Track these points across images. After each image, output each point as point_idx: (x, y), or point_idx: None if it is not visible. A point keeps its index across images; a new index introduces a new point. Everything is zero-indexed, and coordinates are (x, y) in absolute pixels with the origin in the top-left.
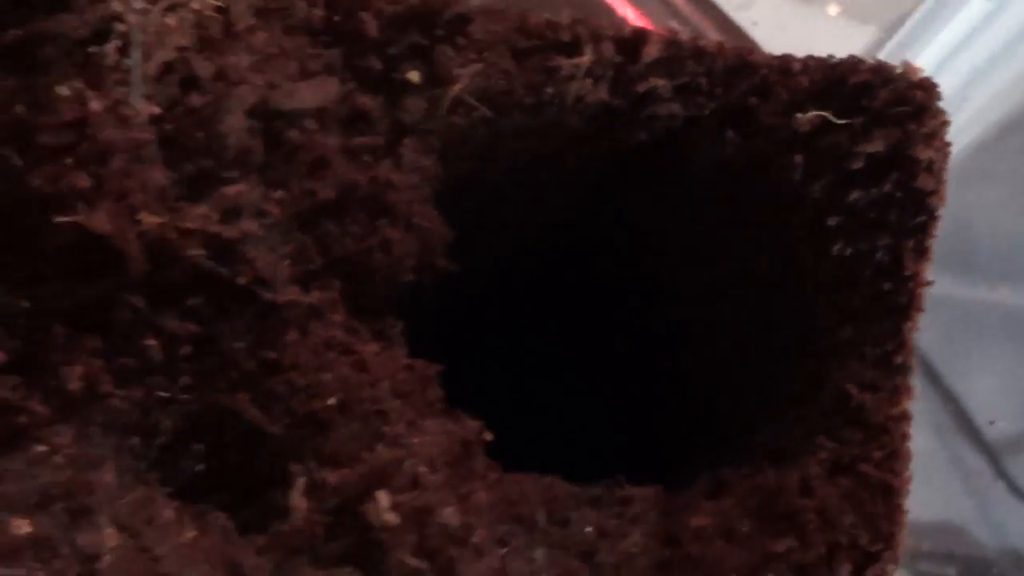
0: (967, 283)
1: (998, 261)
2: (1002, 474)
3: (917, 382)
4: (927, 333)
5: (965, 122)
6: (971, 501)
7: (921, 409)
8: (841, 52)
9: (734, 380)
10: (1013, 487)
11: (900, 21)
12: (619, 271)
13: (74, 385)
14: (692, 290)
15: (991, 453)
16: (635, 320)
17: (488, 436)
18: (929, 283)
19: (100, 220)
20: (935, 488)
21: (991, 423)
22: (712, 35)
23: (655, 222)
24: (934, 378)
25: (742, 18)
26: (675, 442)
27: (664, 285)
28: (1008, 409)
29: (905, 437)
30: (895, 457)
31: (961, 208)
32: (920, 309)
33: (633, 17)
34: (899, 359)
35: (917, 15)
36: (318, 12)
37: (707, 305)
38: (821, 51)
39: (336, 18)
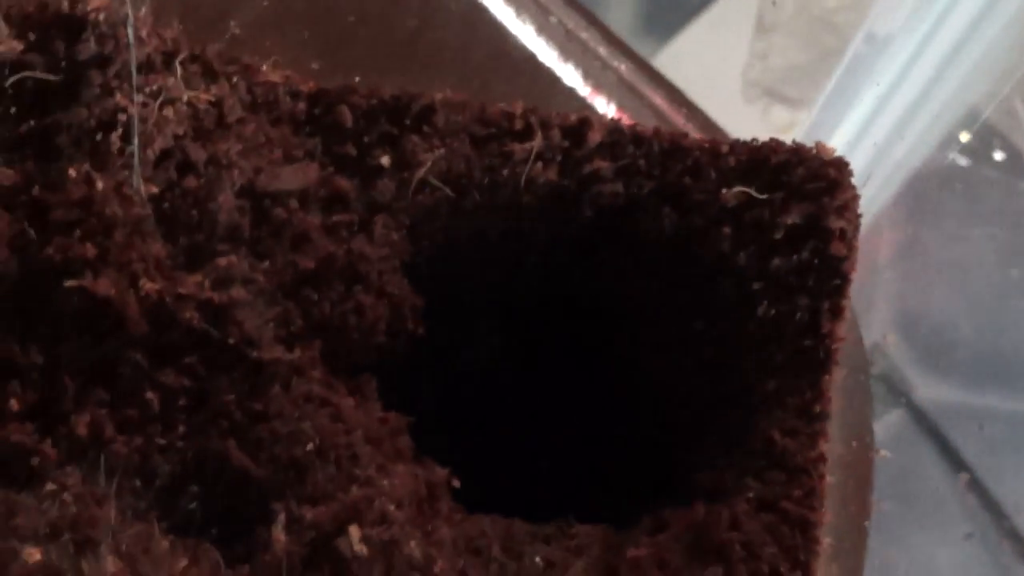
0: (1009, 396)
1: None
2: None
3: (966, 498)
4: (973, 447)
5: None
6: None
7: (969, 524)
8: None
9: (679, 428)
10: None
11: (943, 141)
12: (579, 330)
13: (82, 432)
14: (642, 347)
15: None
16: (595, 374)
17: (456, 483)
18: (842, 339)
19: (104, 285)
20: None
21: None
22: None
23: (605, 286)
24: (982, 492)
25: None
26: (630, 487)
27: (619, 343)
28: None
29: (823, 477)
30: (813, 495)
31: (999, 321)
32: (837, 363)
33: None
34: (817, 408)
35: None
36: (301, 106)
37: (655, 360)
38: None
39: (317, 111)
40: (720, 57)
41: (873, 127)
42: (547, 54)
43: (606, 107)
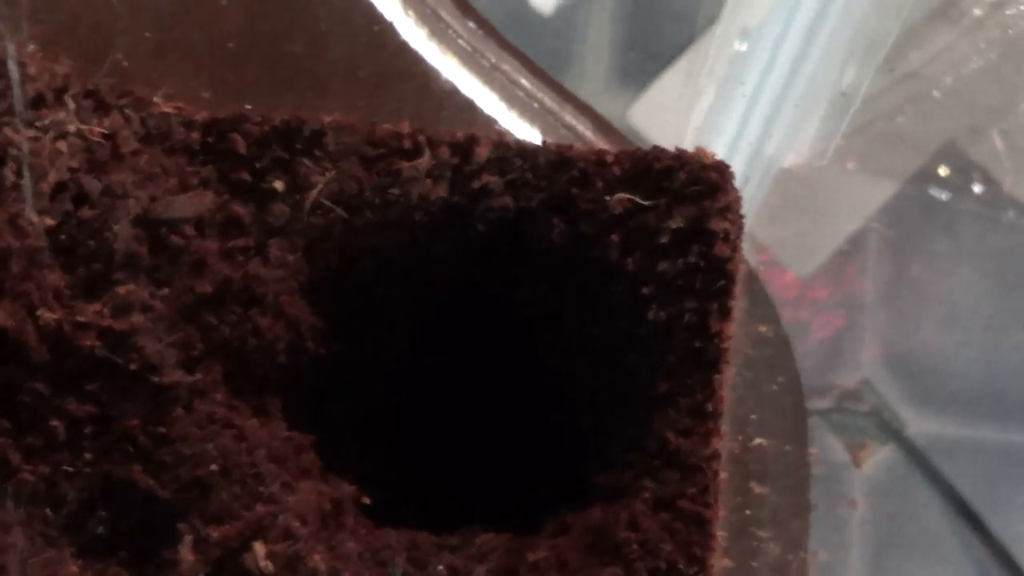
0: (1003, 428)
1: None
2: None
3: (963, 533)
4: (967, 481)
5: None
6: None
7: (967, 558)
8: (862, 206)
9: (580, 432)
10: None
11: (918, 175)
12: (484, 340)
13: None
14: (543, 353)
15: None
16: (502, 383)
17: (366, 500)
18: (731, 339)
19: (1, 316)
20: None
21: None
22: None
23: (504, 295)
24: (977, 524)
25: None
26: (538, 494)
27: (521, 350)
28: None
29: (716, 474)
30: (707, 492)
31: (991, 354)
32: (727, 362)
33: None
34: (710, 407)
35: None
36: (195, 135)
37: (555, 365)
38: (841, 205)
39: (210, 139)
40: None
41: (747, 128)
42: (469, 84)
43: (530, 134)
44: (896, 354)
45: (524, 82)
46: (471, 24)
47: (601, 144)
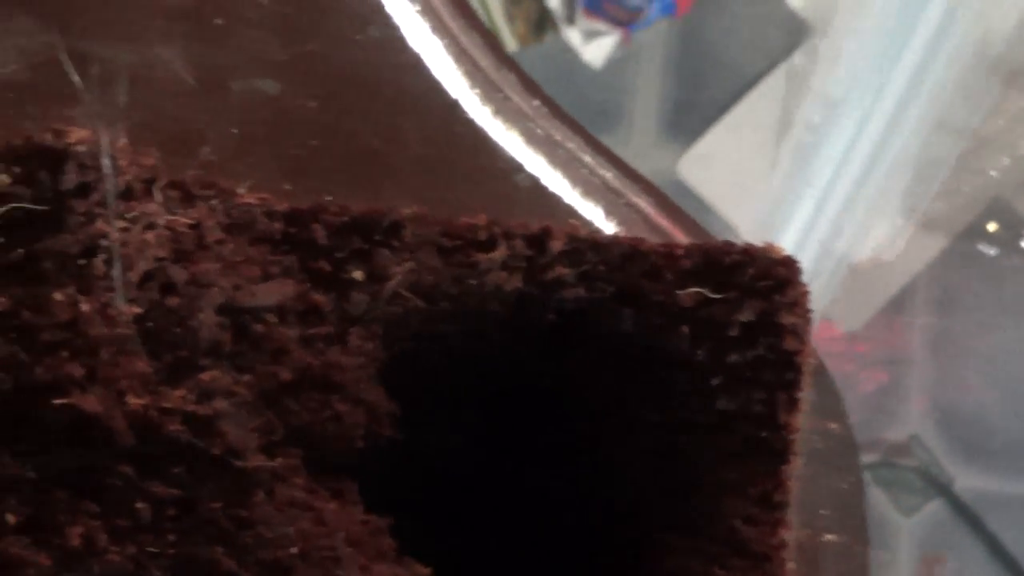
0: None
1: None
2: None
3: None
4: (1014, 535)
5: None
6: None
7: None
8: (910, 261)
9: (647, 518)
10: None
11: (967, 231)
12: (548, 425)
13: (75, 542)
14: (610, 441)
15: None
16: (567, 469)
17: None
18: (798, 430)
19: (92, 403)
20: None
21: None
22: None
23: (571, 383)
24: None
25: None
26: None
27: (586, 436)
28: None
29: (783, 563)
30: None
31: None
32: (795, 453)
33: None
34: (777, 497)
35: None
36: (277, 225)
37: (623, 453)
38: (876, 257)
39: (292, 230)
40: (745, 156)
41: (817, 224)
42: (534, 162)
43: (593, 212)
44: (943, 408)
45: (587, 159)
46: (536, 102)
47: (663, 221)
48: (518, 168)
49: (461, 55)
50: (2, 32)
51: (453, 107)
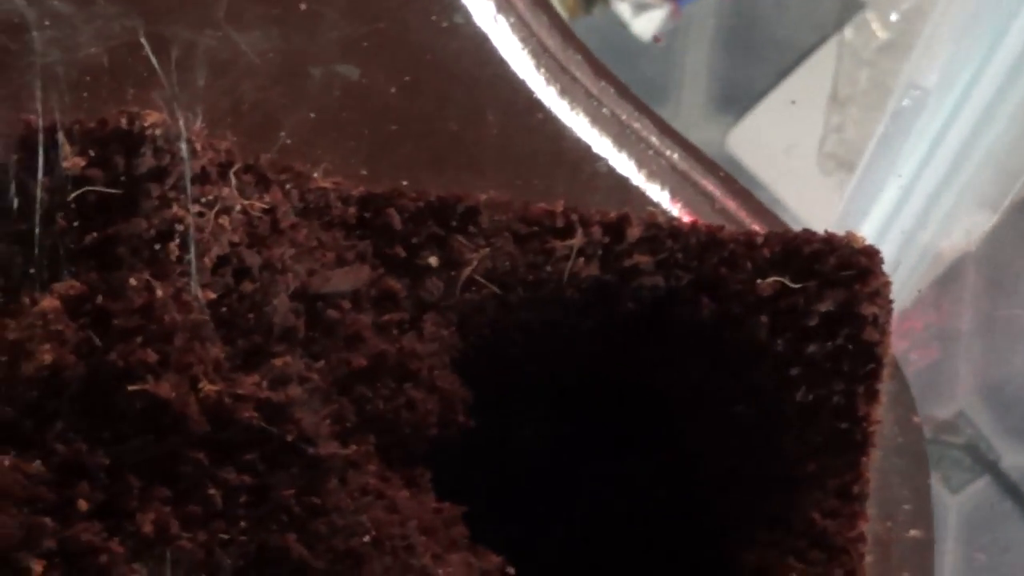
0: None
1: None
2: None
3: None
4: None
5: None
6: None
7: None
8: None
9: (724, 509)
10: None
11: (1018, 204)
12: (625, 415)
13: (147, 529)
14: (687, 430)
15: None
16: (641, 457)
17: (511, 570)
18: (878, 422)
19: (165, 389)
20: None
21: None
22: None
23: (648, 373)
24: None
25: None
26: (681, 568)
27: (663, 426)
28: None
29: (862, 556)
30: (854, 574)
31: None
32: (874, 445)
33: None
34: (856, 489)
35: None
36: (352, 210)
37: (698, 442)
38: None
39: (367, 215)
40: (795, 132)
41: (901, 214)
42: (601, 144)
43: (659, 195)
44: (992, 386)
45: (654, 140)
46: (603, 83)
47: (728, 201)
48: (594, 154)
49: (537, 46)
50: (83, 15)
51: (529, 92)
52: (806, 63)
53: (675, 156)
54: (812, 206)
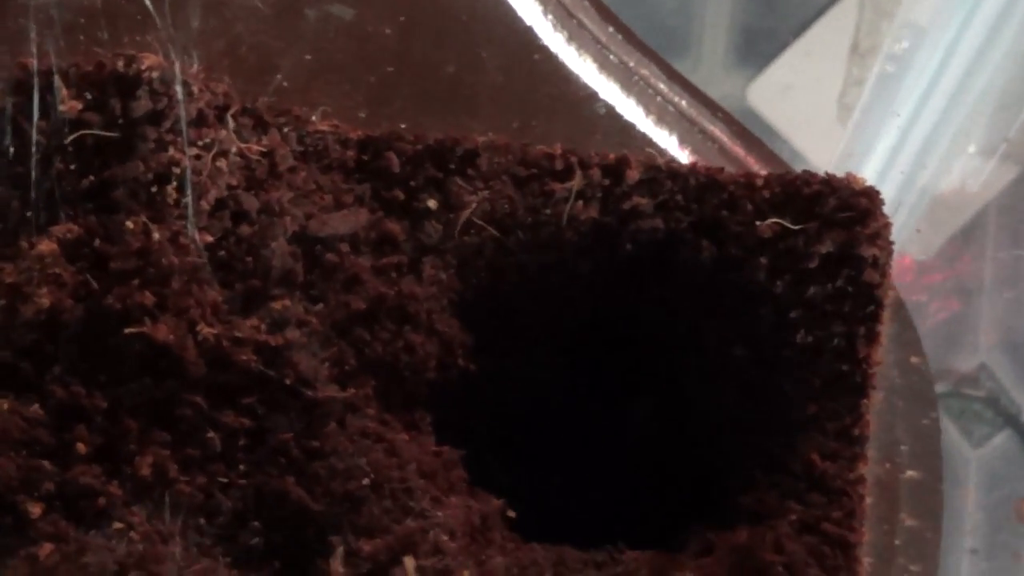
0: None
1: None
2: None
3: None
4: None
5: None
6: None
7: None
8: (981, 190)
9: (722, 452)
10: None
11: None
12: (625, 358)
13: (146, 472)
14: (686, 373)
15: None
16: (643, 400)
17: (511, 513)
18: (879, 363)
19: (163, 331)
20: None
21: None
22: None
23: (649, 316)
24: None
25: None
26: (678, 510)
27: (664, 369)
28: None
29: (862, 498)
30: (853, 516)
31: None
32: (874, 387)
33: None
34: (856, 431)
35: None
36: (350, 153)
37: (698, 385)
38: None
39: (365, 157)
40: (815, 84)
41: (900, 155)
42: (608, 90)
43: (667, 140)
44: (1013, 339)
45: (662, 86)
46: (611, 29)
47: (736, 148)
48: (594, 96)
49: None
50: None
51: (530, 34)
52: (827, 14)
53: (683, 103)
54: (833, 158)
